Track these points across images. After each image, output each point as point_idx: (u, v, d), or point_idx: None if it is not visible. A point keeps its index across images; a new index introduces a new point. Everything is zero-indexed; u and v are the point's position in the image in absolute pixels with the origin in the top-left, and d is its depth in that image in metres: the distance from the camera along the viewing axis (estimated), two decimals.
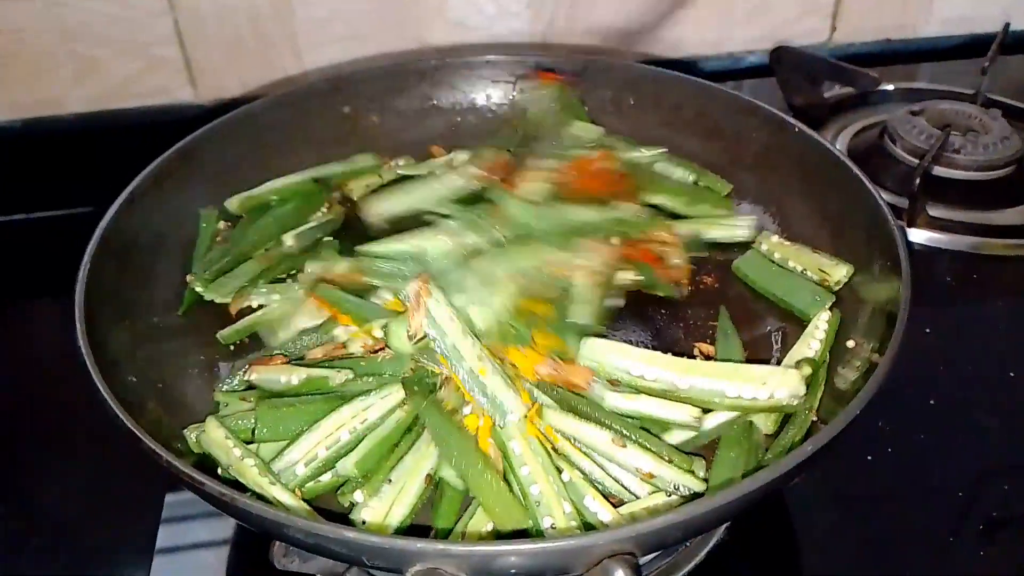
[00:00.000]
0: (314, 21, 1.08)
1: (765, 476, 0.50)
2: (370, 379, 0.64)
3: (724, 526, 0.65)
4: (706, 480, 0.59)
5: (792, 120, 0.81)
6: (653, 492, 0.58)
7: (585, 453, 0.60)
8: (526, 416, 0.60)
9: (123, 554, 0.68)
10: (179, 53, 1.07)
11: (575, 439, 0.60)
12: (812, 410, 0.62)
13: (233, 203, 0.81)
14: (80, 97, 1.08)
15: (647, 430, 0.61)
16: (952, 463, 0.71)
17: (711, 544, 0.65)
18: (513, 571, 0.49)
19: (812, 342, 0.67)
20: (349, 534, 0.49)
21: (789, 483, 0.53)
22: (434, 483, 0.61)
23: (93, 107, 1.10)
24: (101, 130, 1.10)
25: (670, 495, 0.58)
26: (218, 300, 0.74)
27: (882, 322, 0.63)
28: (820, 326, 0.68)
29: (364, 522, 0.57)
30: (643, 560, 0.61)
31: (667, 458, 0.59)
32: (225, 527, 0.67)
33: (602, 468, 0.59)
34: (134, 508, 0.70)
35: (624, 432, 0.60)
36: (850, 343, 0.67)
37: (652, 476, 0.58)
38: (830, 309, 0.70)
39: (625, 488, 0.59)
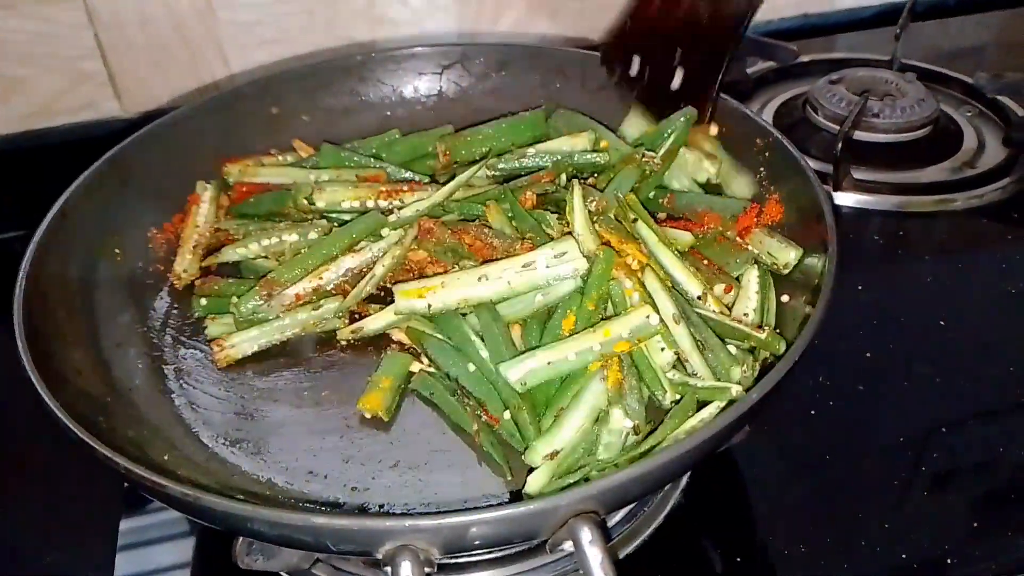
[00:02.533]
0: (240, 25, 1.06)
1: (713, 427, 0.52)
2: None
3: (680, 490, 0.67)
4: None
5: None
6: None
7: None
8: None
9: None
10: (102, 66, 1.05)
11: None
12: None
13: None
14: (3, 117, 1.06)
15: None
16: (890, 411, 0.74)
17: (669, 507, 0.67)
18: (481, 541, 0.50)
19: (751, 295, 0.69)
20: (316, 520, 0.49)
21: (737, 432, 0.55)
22: None
23: (18, 127, 1.07)
24: (28, 150, 1.07)
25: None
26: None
27: (814, 277, 0.66)
28: (752, 282, 0.70)
29: None
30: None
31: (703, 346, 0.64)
32: (183, 549, 0.66)
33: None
34: (88, 538, 0.68)
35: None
36: (784, 298, 0.70)
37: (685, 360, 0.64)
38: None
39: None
